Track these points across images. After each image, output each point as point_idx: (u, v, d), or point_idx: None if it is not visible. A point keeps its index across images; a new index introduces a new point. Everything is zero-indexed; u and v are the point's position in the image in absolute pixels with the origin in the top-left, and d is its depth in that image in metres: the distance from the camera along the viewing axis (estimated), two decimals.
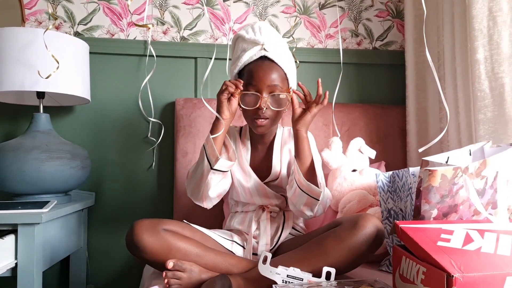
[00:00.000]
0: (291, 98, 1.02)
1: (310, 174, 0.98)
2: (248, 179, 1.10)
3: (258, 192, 1.10)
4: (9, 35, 1.21)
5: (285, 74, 1.03)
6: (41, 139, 1.26)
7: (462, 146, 1.16)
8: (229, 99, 1.01)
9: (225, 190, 1.07)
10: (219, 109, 1.01)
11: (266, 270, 0.84)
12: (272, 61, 1.00)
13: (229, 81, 0.99)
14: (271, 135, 1.13)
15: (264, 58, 1.01)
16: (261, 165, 1.13)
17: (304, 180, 0.96)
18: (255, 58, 1.01)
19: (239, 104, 1.02)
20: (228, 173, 1.05)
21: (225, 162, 0.99)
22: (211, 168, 0.98)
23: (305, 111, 1.00)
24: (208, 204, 1.06)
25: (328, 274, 0.82)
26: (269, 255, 0.86)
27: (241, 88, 0.99)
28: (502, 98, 1.12)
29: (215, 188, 1.03)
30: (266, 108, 0.99)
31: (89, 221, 1.52)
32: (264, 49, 1.00)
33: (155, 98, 1.57)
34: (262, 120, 1.01)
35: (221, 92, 1.00)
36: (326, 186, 1.12)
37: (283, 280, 0.82)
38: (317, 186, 0.97)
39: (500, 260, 0.64)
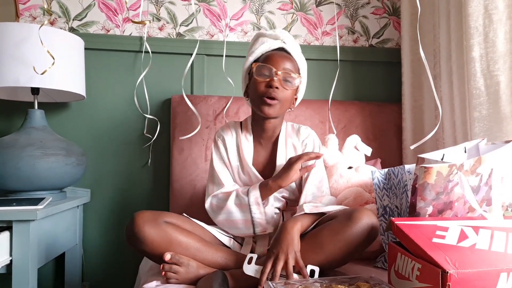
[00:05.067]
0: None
1: (316, 218, 0.96)
2: (250, 181, 1.08)
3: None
4: (3, 30, 1.20)
5: (299, 68, 1.07)
6: (36, 136, 1.25)
7: (457, 144, 1.17)
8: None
9: None
10: (288, 175, 0.99)
11: (251, 269, 0.84)
12: (289, 53, 1.06)
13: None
14: (277, 130, 1.11)
15: (281, 49, 1.06)
16: (265, 162, 1.11)
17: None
18: (273, 48, 1.06)
19: (251, 79, 1.05)
20: None
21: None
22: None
23: None
24: None
25: (312, 272, 0.83)
26: (255, 256, 0.87)
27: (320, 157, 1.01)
28: (497, 96, 1.13)
29: None
30: (277, 88, 1.00)
31: (84, 218, 1.52)
32: (284, 42, 1.06)
33: (151, 94, 1.57)
34: (272, 99, 1.01)
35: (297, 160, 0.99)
36: None
37: (267, 278, 0.82)
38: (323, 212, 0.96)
39: (494, 257, 0.65)
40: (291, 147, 1.11)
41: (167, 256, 0.87)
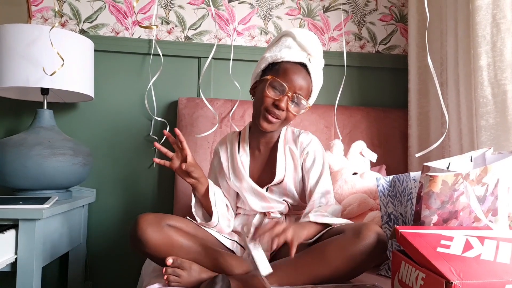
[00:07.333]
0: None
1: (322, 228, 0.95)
2: (248, 190, 1.08)
3: (260, 200, 1.08)
4: (15, 31, 1.22)
5: (311, 91, 1.03)
6: (44, 135, 1.27)
7: (464, 152, 1.16)
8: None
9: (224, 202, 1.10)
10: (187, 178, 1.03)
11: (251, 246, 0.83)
12: (309, 73, 1.01)
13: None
14: (276, 136, 1.10)
15: (303, 65, 1.01)
16: (264, 169, 1.10)
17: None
18: (295, 60, 1.00)
19: (261, 84, 1.01)
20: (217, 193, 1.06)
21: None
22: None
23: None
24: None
25: None
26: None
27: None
28: (504, 105, 1.12)
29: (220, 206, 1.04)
30: (283, 110, 0.98)
31: (89, 217, 1.53)
32: (309, 59, 1.01)
33: (158, 97, 1.58)
34: (274, 118, 0.99)
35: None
36: None
37: (249, 255, 0.80)
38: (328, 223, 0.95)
39: (499, 268, 0.64)
40: (289, 154, 1.09)
41: (169, 261, 0.87)
